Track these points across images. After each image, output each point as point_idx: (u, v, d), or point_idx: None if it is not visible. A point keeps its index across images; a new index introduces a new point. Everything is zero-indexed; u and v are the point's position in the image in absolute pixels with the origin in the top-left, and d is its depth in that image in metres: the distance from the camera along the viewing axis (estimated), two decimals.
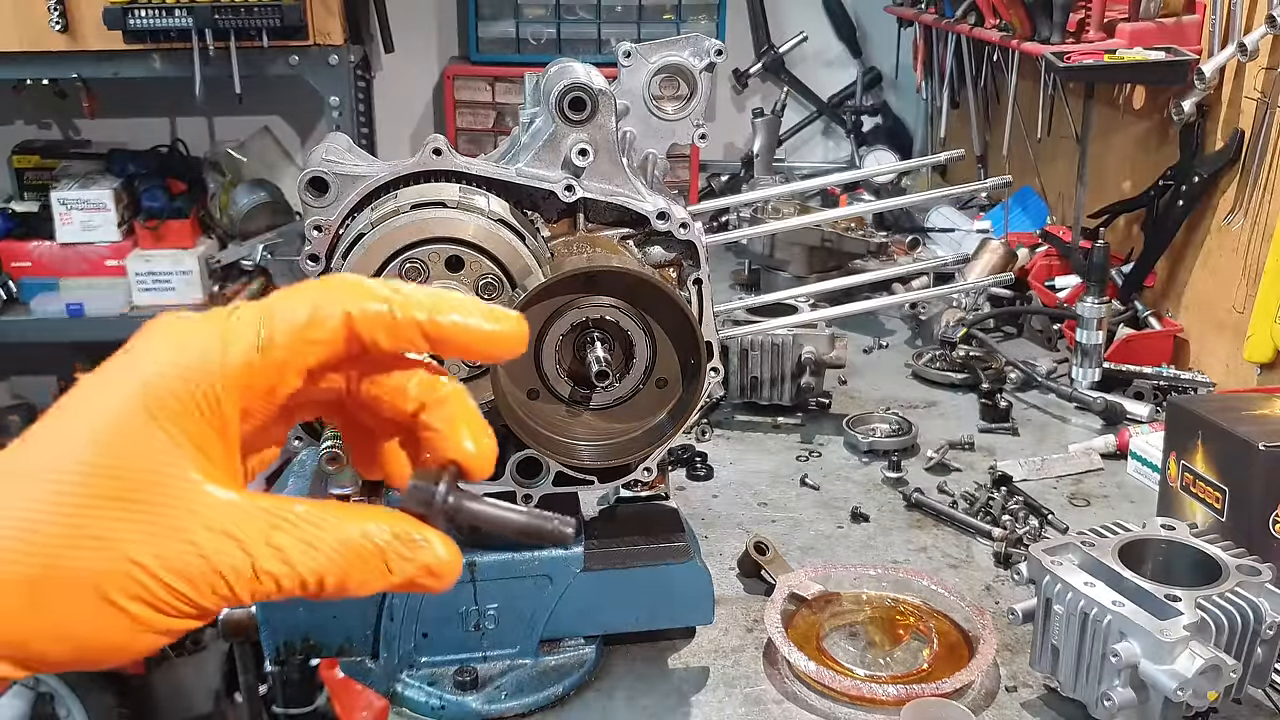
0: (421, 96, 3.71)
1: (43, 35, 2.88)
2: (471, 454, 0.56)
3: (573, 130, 1.14)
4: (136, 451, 0.50)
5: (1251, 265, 1.94)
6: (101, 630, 0.50)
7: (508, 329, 0.56)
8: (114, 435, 0.50)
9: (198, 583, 0.50)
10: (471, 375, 1.11)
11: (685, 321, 1.10)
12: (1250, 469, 1.30)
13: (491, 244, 1.07)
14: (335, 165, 1.12)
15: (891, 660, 1.27)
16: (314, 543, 0.52)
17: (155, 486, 0.50)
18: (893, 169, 2.35)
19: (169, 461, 0.50)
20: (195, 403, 0.51)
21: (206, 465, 0.52)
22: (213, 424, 0.52)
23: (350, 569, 0.53)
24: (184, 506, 0.50)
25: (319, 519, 0.53)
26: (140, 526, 0.49)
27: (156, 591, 0.50)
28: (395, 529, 0.54)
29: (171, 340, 0.53)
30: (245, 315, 0.54)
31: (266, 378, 0.53)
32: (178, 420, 0.51)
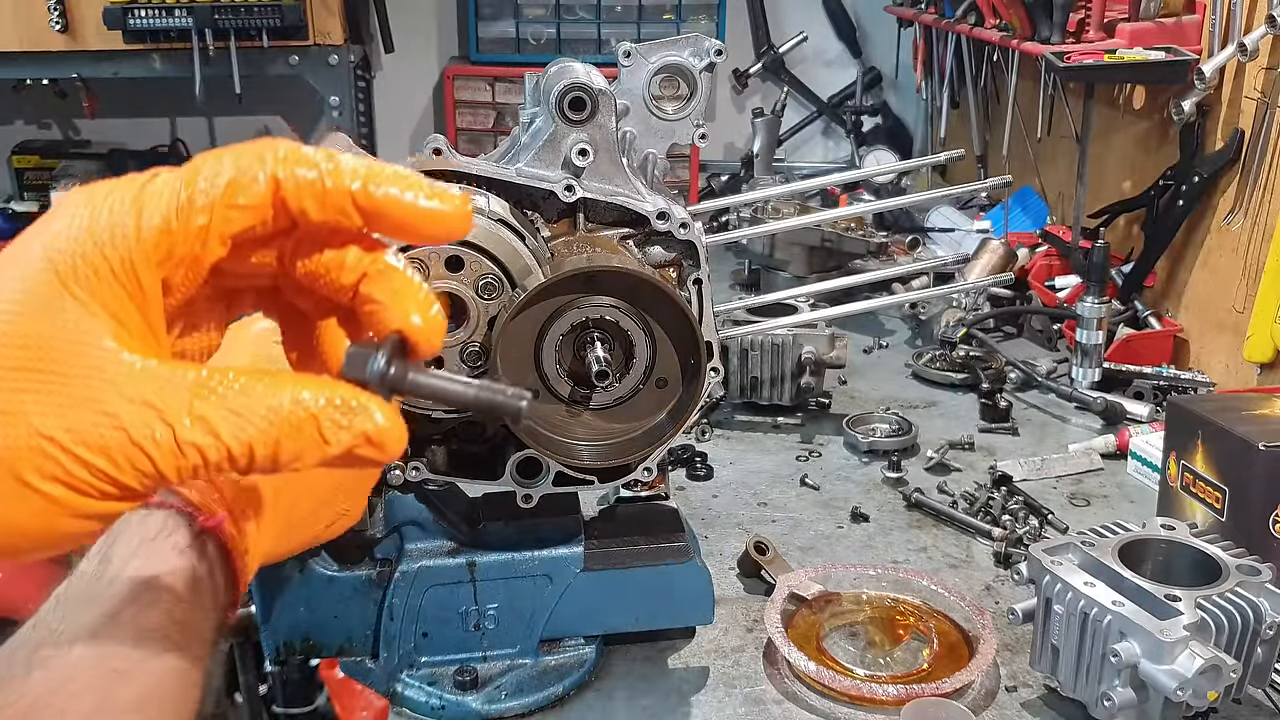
0: (421, 96, 3.71)
1: (43, 35, 2.88)
2: (417, 326, 0.52)
3: (573, 130, 1.14)
4: (45, 320, 0.46)
5: (1251, 265, 1.94)
6: (17, 514, 0.46)
7: (449, 208, 0.51)
8: (21, 304, 0.46)
9: (115, 457, 0.46)
10: (472, 375, 1.11)
11: (685, 321, 1.10)
12: (1250, 469, 1.30)
13: (491, 244, 1.07)
14: None
15: (891, 660, 1.27)
16: (241, 410, 0.47)
17: (66, 356, 0.46)
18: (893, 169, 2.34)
19: (81, 329, 0.46)
20: (109, 269, 0.47)
21: (123, 334, 0.47)
22: (130, 293, 0.48)
23: (282, 438, 0.48)
24: (98, 376, 0.46)
25: (247, 386, 0.48)
26: (50, 398, 0.45)
27: (71, 468, 0.45)
28: (330, 394, 0.49)
29: (84, 207, 0.48)
30: (163, 178, 0.50)
31: (187, 245, 0.48)
32: (90, 287, 0.47)
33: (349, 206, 0.50)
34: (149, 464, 0.46)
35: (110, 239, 0.47)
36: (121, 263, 0.47)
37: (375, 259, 0.53)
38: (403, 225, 0.51)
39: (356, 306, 0.53)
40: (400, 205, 0.51)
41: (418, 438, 1.18)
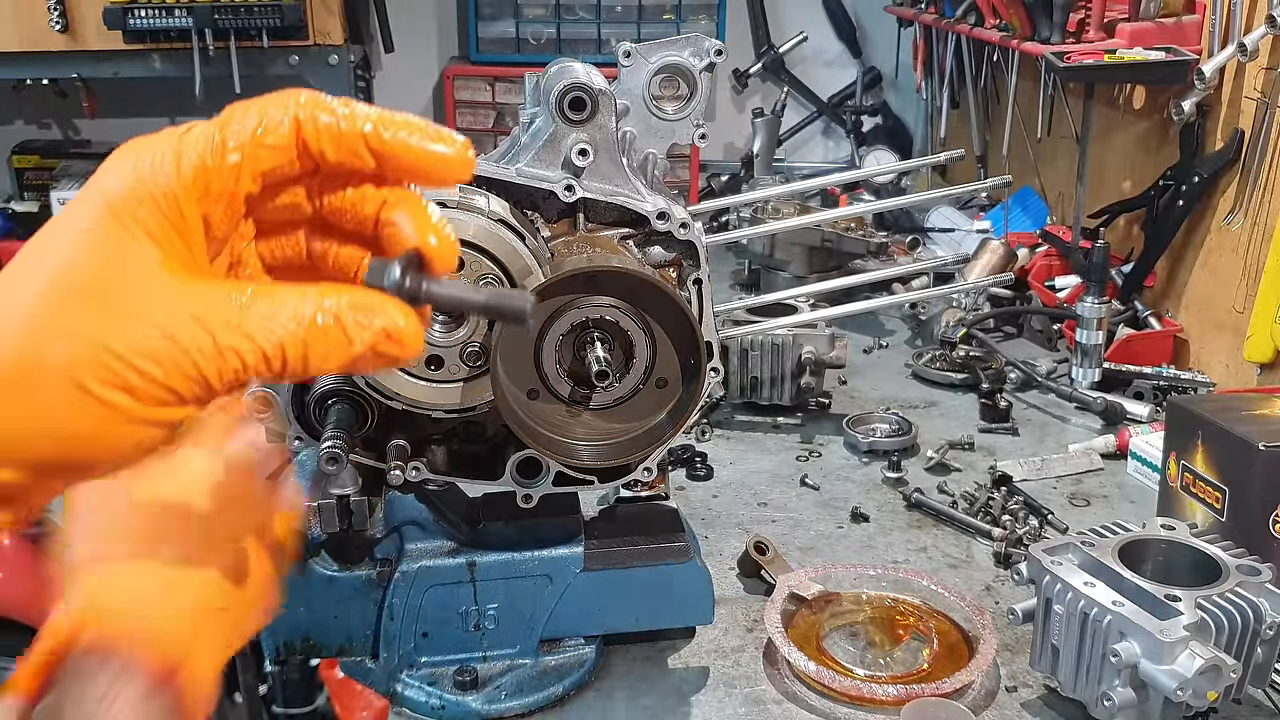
0: (421, 96, 3.71)
1: (43, 35, 2.88)
2: (433, 244, 0.57)
3: (573, 130, 1.14)
4: (102, 249, 0.52)
5: (1251, 265, 1.94)
6: (82, 422, 0.51)
7: (454, 152, 0.56)
8: (82, 237, 0.53)
9: (165, 364, 0.51)
10: (472, 375, 1.11)
11: (685, 321, 1.10)
12: (1250, 469, 1.30)
13: (491, 244, 1.07)
14: None
15: (891, 660, 1.27)
16: (272, 316, 0.53)
17: (121, 279, 0.52)
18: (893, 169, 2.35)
19: (133, 254, 0.53)
20: (156, 204, 0.53)
21: (170, 261, 0.54)
22: (174, 224, 0.54)
23: (310, 340, 0.53)
24: (148, 295, 0.52)
25: (278, 295, 0.54)
26: (108, 315, 0.51)
27: (127, 376, 0.51)
28: (352, 298, 0.54)
29: (131, 156, 0.55)
30: (200, 128, 0.56)
31: (222, 181, 0.55)
32: (140, 220, 0.53)
33: (361, 148, 0.56)
34: (194, 369, 0.52)
35: (155, 178, 0.54)
36: (166, 198, 0.53)
37: (395, 190, 0.58)
38: (410, 167, 0.57)
39: (379, 231, 0.58)
40: (408, 148, 0.56)
41: (418, 438, 1.18)
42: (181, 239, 0.54)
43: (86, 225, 0.53)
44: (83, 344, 0.51)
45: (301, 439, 1.21)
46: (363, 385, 1.12)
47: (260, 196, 0.57)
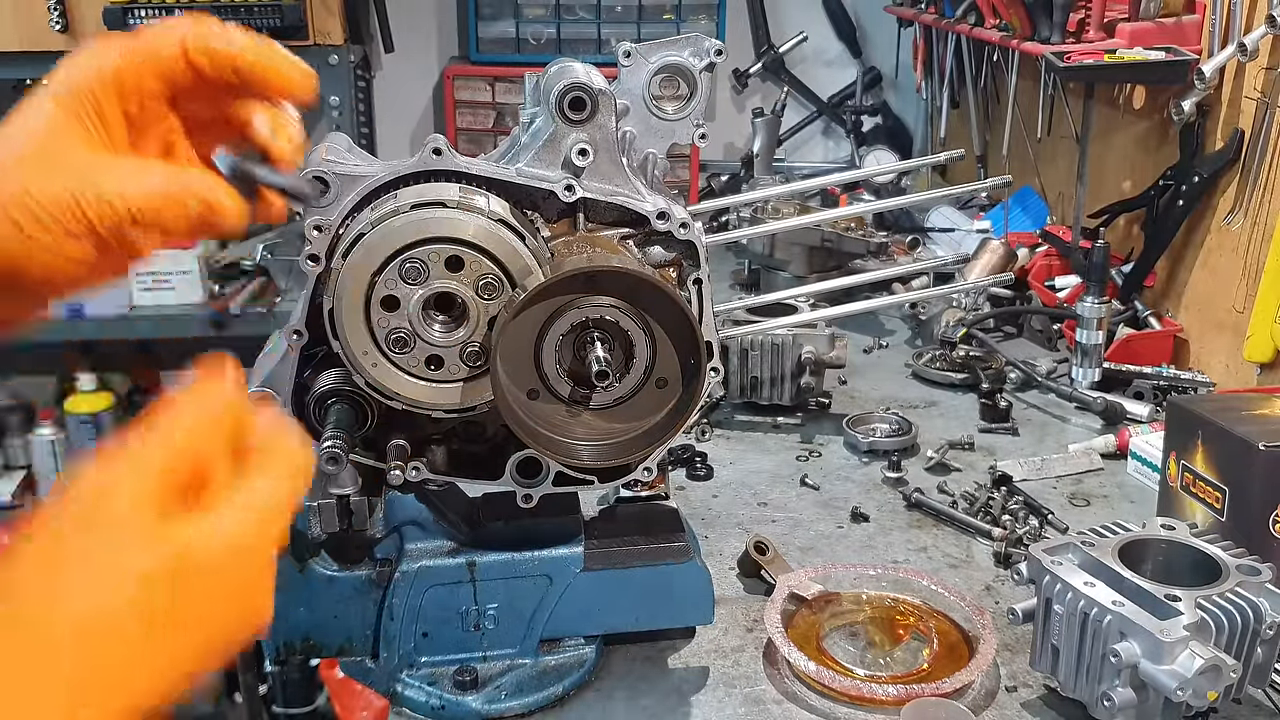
0: (421, 96, 3.71)
1: (43, 35, 2.88)
2: (276, 142, 0.78)
3: (573, 130, 1.14)
4: (44, 126, 0.73)
5: (1251, 265, 1.94)
6: (15, 243, 0.69)
7: (297, 74, 0.76)
8: (25, 115, 0.73)
9: (62, 208, 0.69)
10: (472, 375, 1.11)
11: (685, 321, 1.10)
12: (1250, 469, 1.30)
13: (491, 244, 1.07)
14: (335, 165, 1.12)
15: (891, 660, 1.27)
16: (140, 184, 0.71)
17: (51, 147, 0.71)
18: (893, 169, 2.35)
19: (63, 131, 0.72)
20: (83, 96, 0.73)
21: (89, 137, 0.72)
22: (97, 112, 0.73)
23: (160, 205, 0.71)
24: (66, 161, 0.71)
25: (151, 168, 0.73)
26: (36, 171, 0.70)
27: (39, 214, 0.69)
28: (194, 178, 0.73)
29: (72, 60, 0.75)
30: (117, 39, 0.74)
31: (133, 79, 0.73)
32: (70, 107, 0.73)
33: (229, 66, 0.74)
34: (81, 214, 0.69)
35: (84, 77, 0.73)
36: (90, 93, 0.73)
37: (265, 104, 0.79)
38: (265, 83, 0.75)
39: (246, 132, 0.79)
40: (265, 69, 0.75)
41: (418, 438, 1.18)
42: (102, 123, 0.73)
43: (36, 107, 0.73)
44: (16, 189, 0.69)
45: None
46: (363, 385, 1.12)
47: (174, 100, 0.76)
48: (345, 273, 1.07)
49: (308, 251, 1.12)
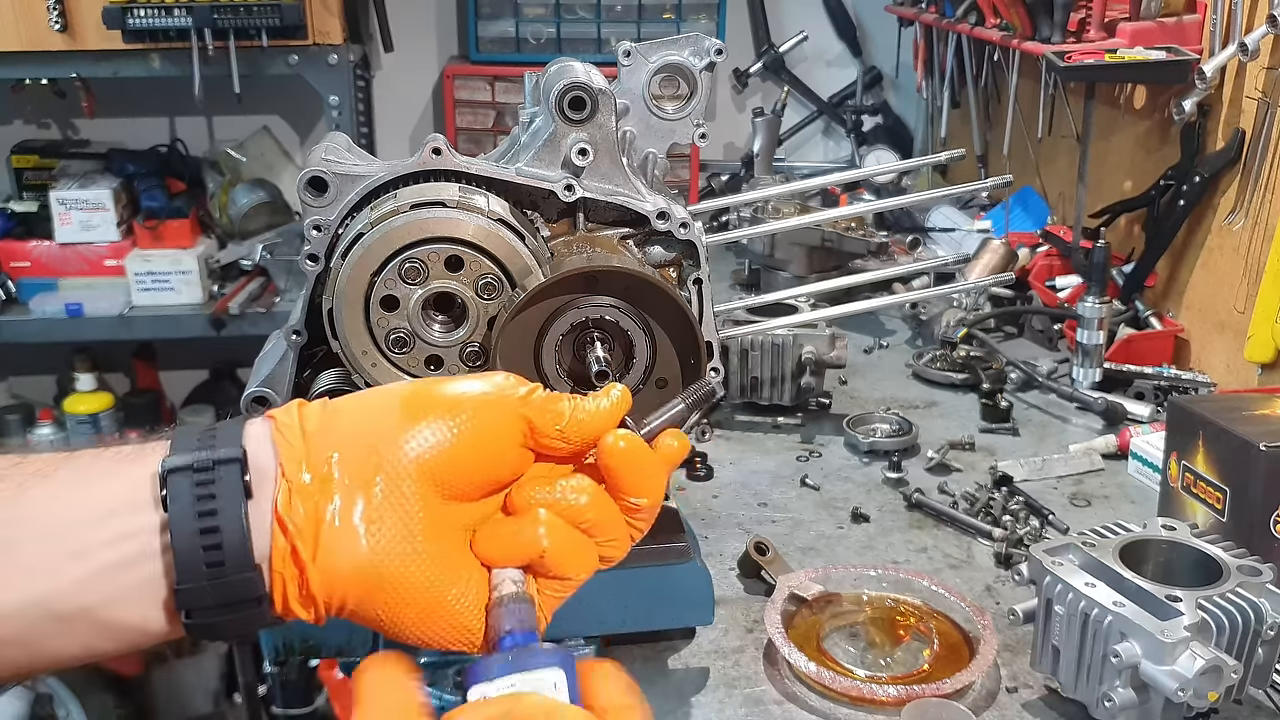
0: (421, 96, 3.70)
1: (42, 35, 2.87)
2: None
3: (573, 130, 1.14)
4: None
5: (1252, 265, 1.93)
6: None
7: (611, 410, 0.76)
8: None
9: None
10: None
11: (685, 321, 1.10)
12: (1251, 469, 1.29)
13: (491, 244, 1.07)
14: (334, 165, 1.12)
15: (892, 661, 1.27)
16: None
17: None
18: (893, 169, 2.35)
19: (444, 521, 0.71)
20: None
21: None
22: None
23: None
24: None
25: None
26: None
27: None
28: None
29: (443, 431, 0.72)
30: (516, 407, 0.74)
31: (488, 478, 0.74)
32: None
33: (570, 451, 0.75)
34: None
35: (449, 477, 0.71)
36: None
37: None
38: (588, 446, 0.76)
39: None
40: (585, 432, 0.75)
41: None
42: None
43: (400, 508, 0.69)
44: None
45: None
46: (363, 385, 1.12)
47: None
48: (344, 272, 1.07)
49: (307, 251, 1.11)
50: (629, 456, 0.75)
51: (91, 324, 3.17)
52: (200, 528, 0.64)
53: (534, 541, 0.71)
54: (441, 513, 0.69)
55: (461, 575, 0.70)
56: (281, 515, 0.65)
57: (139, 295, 3.18)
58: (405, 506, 0.68)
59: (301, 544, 0.65)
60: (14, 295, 3.18)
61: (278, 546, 0.65)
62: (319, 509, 0.66)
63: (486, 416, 0.71)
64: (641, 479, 0.75)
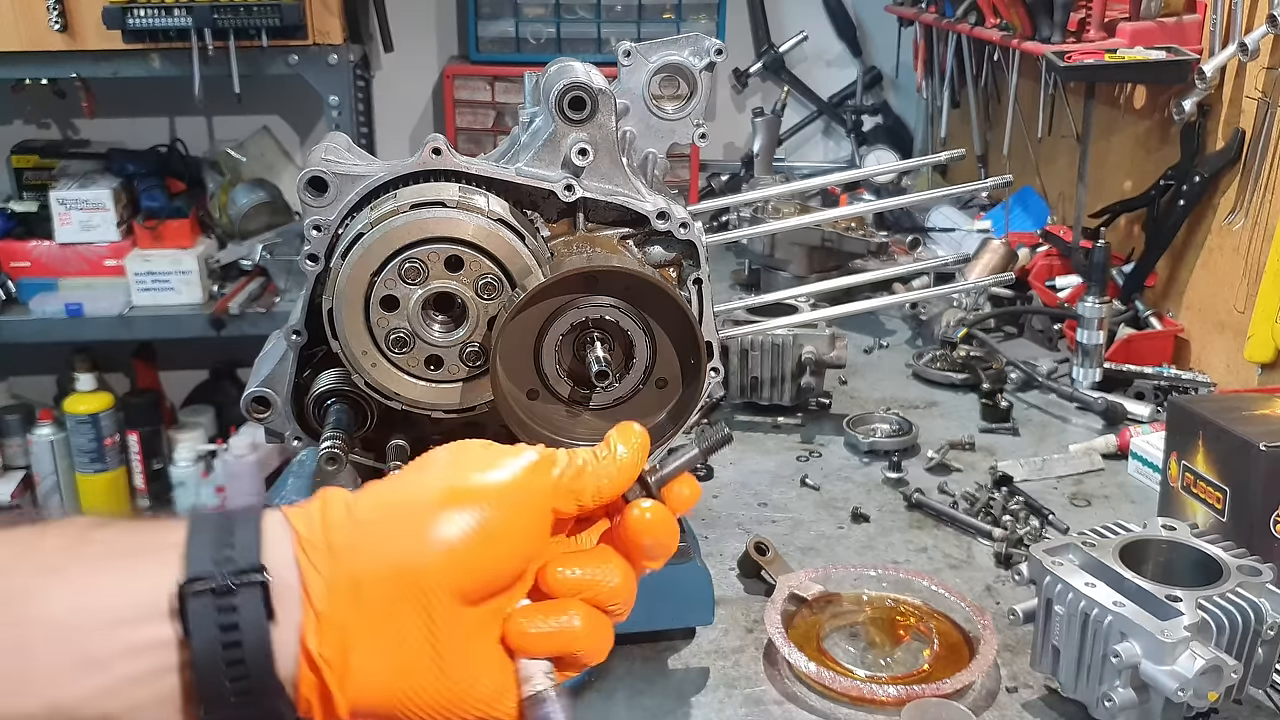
0: (421, 96, 3.70)
1: (42, 35, 2.88)
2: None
3: (572, 130, 1.14)
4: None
5: (1252, 265, 1.93)
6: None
7: (631, 464, 0.76)
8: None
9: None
10: (471, 375, 1.11)
11: (685, 321, 1.10)
12: (1251, 469, 1.29)
13: (491, 243, 1.07)
14: (334, 165, 1.11)
15: (892, 661, 1.27)
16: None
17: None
18: (893, 169, 2.35)
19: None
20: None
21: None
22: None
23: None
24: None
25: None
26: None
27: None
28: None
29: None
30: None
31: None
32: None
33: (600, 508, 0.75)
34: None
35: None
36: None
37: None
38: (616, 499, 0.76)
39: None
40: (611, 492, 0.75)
41: (417, 438, 1.18)
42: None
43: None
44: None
45: (301, 439, 1.21)
46: (362, 385, 1.12)
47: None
48: (344, 272, 1.07)
49: (307, 251, 1.11)
50: (653, 529, 0.75)
51: (91, 324, 3.17)
52: (226, 659, 0.63)
53: (574, 637, 0.72)
54: (468, 619, 0.69)
55: (487, 675, 0.70)
56: (310, 651, 0.65)
57: (139, 295, 3.18)
58: (432, 626, 0.67)
59: (330, 676, 0.65)
60: (14, 295, 3.19)
61: (305, 676, 0.65)
62: (347, 638, 0.65)
63: (515, 524, 0.70)
64: (664, 546, 0.76)
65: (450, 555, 0.67)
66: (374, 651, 0.66)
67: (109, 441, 3.41)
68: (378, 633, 0.66)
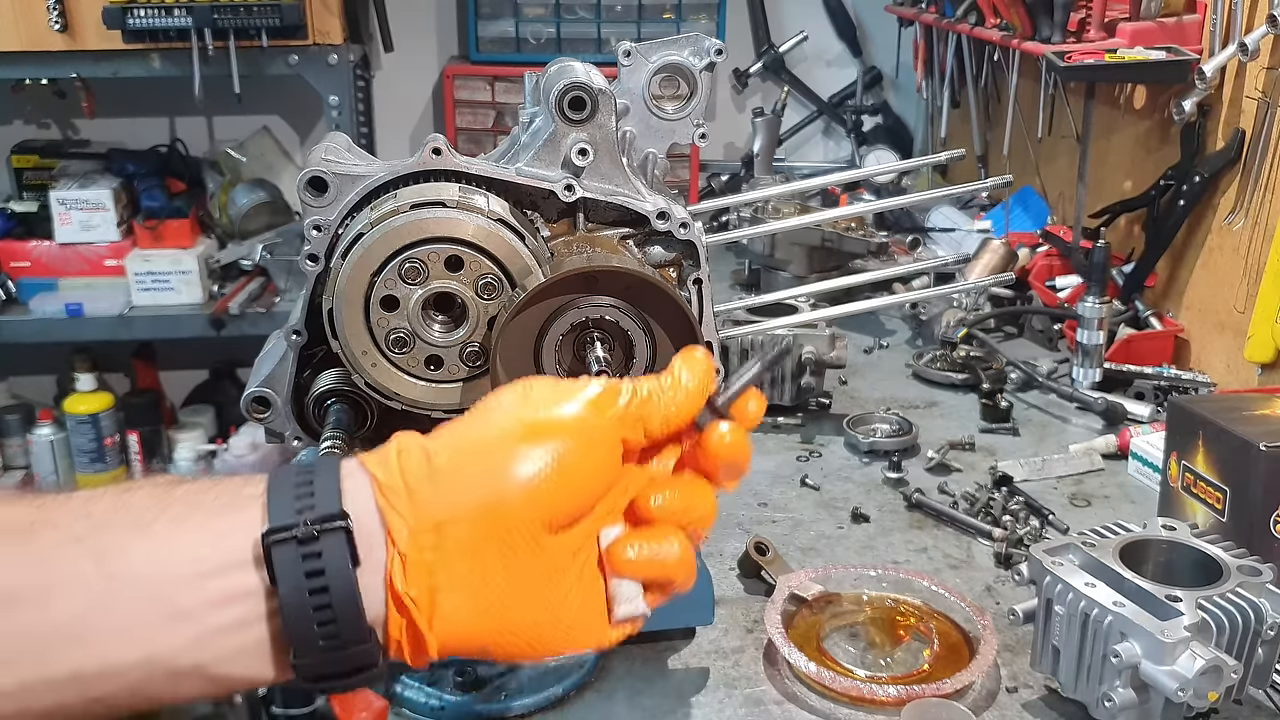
0: (421, 96, 3.70)
1: (42, 35, 2.88)
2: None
3: (572, 130, 1.14)
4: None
5: (1252, 265, 1.93)
6: None
7: (700, 388, 0.78)
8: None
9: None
10: (471, 375, 1.11)
11: (685, 321, 1.10)
12: (1251, 469, 1.29)
13: (491, 244, 1.07)
14: (334, 165, 1.11)
15: (892, 661, 1.27)
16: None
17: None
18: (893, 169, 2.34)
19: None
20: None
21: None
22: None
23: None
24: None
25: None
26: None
27: None
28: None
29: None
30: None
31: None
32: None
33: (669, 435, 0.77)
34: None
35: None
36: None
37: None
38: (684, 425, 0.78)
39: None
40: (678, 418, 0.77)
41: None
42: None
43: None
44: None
45: (301, 439, 1.21)
46: (362, 385, 1.12)
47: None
48: (344, 272, 1.07)
49: (307, 251, 1.11)
50: (733, 450, 0.77)
51: (91, 324, 3.17)
52: (313, 605, 0.64)
53: (672, 562, 0.75)
54: (552, 549, 0.71)
55: (579, 598, 0.73)
56: (398, 591, 0.66)
57: (139, 295, 3.18)
58: (515, 562, 0.69)
59: (419, 616, 0.66)
60: (14, 295, 3.19)
61: (394, 618, 0.66)
62: (433, 578, 0.66)
63: (586, 454, 0.71)
64: (741, 465, 0.78)
65: (527, 490, 0.68)
66: (460, 590, 0.67)
67: (109, 441, 3.41)
68: (463, 572, 0.67)
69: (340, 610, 0.64)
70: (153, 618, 0.64)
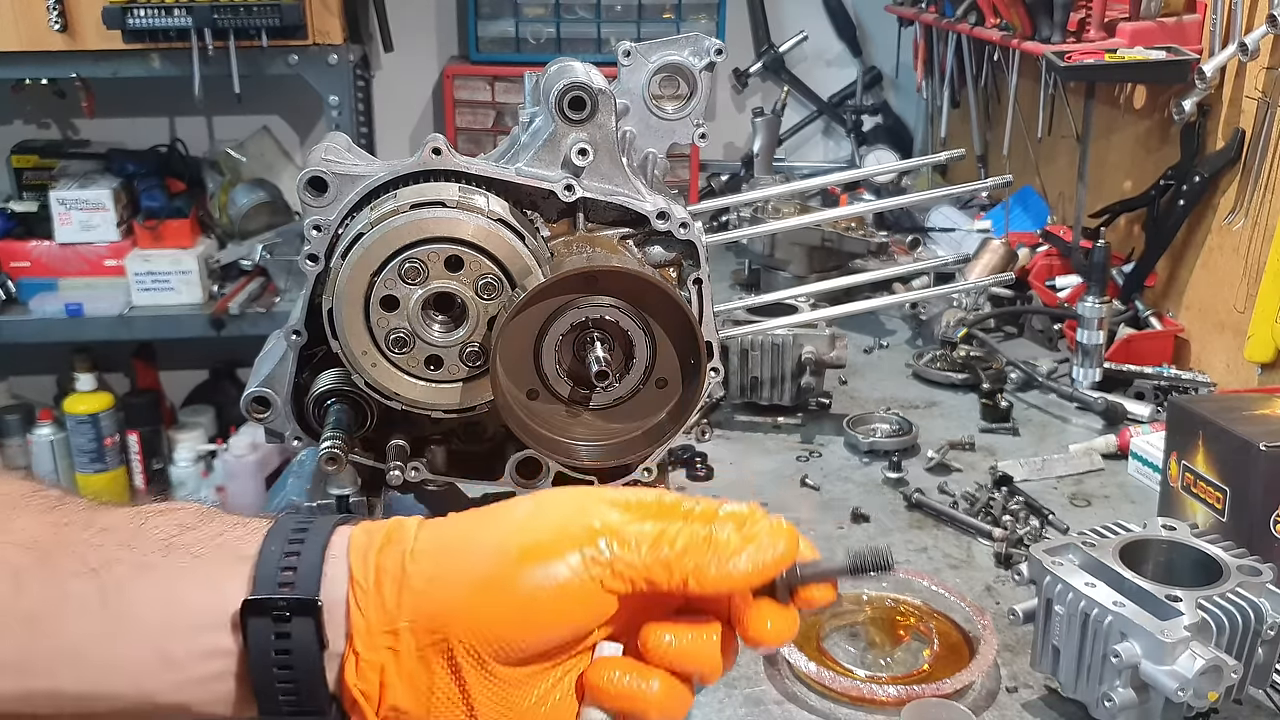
0: (421, 96, 3.70)
1: (42, 35, 2.88)
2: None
3: (572, 130, 1.14)
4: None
5: (1252, 265, 1.93)
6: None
7: (761, 570, 0.72)
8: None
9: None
10: (471, 375, 1.11)
11: (685, 321, 1.10)
12: (1251, 469, 1.29)
13: (491, 243, 1.07)
14: (334, 165, 1.11)
15: (892, 661, 1.27)
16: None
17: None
18: (893, 168, 2.35)
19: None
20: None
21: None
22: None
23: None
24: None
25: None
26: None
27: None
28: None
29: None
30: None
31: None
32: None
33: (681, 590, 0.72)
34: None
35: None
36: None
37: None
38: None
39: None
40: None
41: (417, 438, 1.18)
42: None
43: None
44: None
45: (301, 439, 1.21)
46: (362, 385, 1.12)
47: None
48: (344, 272, 1.07)
49: (307, 251, 1.11)
50: (773, 640, 0.75)
51: (91, 324, 3.17)
52: (279, 677, 0.69)
53: (646, 702, 0.74)
54: (507, 676, 0.70)
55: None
56: (348, 684, 0.69)
57: (139, 295, 3.18)
58: (460, 681, 0.69)
59: (367, 708, 0.70)
60: (14, 295, 3.19)
61: (347, 699, 0.70)
62: (384, 677, 0.69)
63: (561, 605, 0.69)
64: (774, 648, 0.77)
65: (473, 619, 0.68)
66: (407, 695, 0.70)
67: (109, 441, 3.41)
68: (410, 678, 0.69)
69: (303, 685, 0.69)
70: (146, 659, 0.69)
